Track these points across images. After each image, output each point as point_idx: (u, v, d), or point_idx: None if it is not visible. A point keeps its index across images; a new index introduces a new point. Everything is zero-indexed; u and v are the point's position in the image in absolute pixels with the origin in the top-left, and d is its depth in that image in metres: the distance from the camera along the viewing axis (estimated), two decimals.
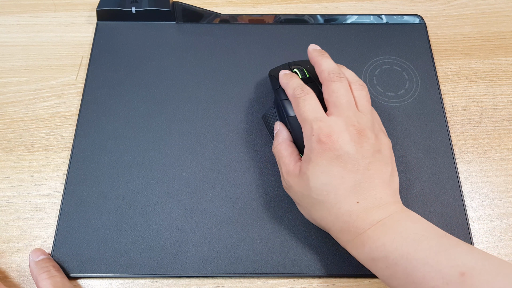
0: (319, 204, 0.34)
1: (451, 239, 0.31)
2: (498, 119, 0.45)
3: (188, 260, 0.38)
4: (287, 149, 0.37)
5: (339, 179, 0.33)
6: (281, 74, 0.40)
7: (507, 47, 0.49)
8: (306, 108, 0.36)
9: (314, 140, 0.34)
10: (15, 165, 0.42)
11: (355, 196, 0.33)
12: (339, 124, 0.34)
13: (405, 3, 0.53)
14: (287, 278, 0.38)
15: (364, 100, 0.37)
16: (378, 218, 0.32)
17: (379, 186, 0.33)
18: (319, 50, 0.40)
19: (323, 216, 0.34)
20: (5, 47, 0.49)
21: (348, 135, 0.34)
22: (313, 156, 0.34)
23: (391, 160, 0.36)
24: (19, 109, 0.45)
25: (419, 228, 0.32)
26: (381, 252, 0.31)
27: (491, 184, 0.42)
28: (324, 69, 0.38)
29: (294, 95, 0.37)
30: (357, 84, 0.37)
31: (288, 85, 0.38)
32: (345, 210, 0.33)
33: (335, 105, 0.35)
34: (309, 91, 0.37)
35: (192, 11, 0.50)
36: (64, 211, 0.39)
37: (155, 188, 0.41)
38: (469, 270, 0.28)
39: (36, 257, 0.37)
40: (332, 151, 0.33)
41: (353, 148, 0.33)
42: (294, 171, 0.36)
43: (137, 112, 0.44)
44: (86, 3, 0.52)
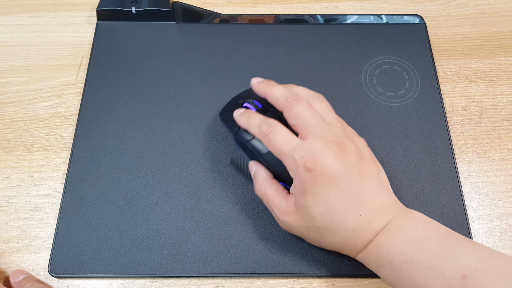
0: (325, 230, 0.33)
1: (454, 239, 0.31)
2: (498, 119, 0.45)
3: (188, 260, 0.38)
4: (271, 188, 0.36)
5: (338, 200, 0.32)
6: (237, 115, 0.38)
7: (507, 47, 0.49)
8: (280, 142, 0.34)
9: (301, 170, 0.33)
10: (15, 165, 0.42)
11: (357, 210, 0.33)
12: (318, 145, 0.33)
13: (405, 3, 0.53)
14: (287, 278, 0.38)
15: (328, 112, 0.36)
16: (381, 225, 0.32)
17: (374, 191, 0.33)
18: (263, 81, 0.39)
19: (332, 241, 0.34)
20: (5, 47, 0.49)
21: (331, 153, 0.33)
22: (306, 186, 0.33)
23: (373, 159, 0.36)
24: (19, 109, 0.45)
25: (421, 229, 0.32)
26: (387, 259, 0.31)
27: (491, 184, 0.42)
28: (278, 97, 0.37)
29: (262, 133, 0.35)
30: (315, 99, 0.37)
31: (250, 124, 0.36)
32: (351, 227, 0.33)
33: (304, 127, 0.34)
34: (275, 124, 0.35)
35: (192, 11, 0.50)
36: (64, 211, 0.39)
37: (155, 188, 0.41)
38: (471, 272, 0.28)
39: (16, 278, 0.37)
40: (324, 175, 0.32)
41: (340, 164, 0.33)
42: (289, 209, 0.34)
43: (137, 112, 0.44)
44: (86, 3, 0.52)
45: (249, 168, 0.38)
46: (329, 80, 0.46)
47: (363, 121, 0.44)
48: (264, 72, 0.46)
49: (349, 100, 0.45)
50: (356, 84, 0.46)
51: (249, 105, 0.39)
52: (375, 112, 0.45)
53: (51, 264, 0.37)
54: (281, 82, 0.46)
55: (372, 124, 0.44)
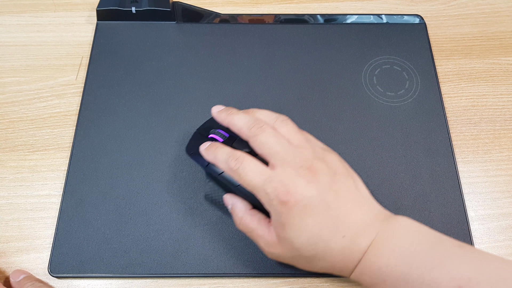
0: (313, 258, 0.32)
1: (445, 246, 0.31)
2: (498, 119, 0.45)
3: (188, 260, 0.38)
4: (252, 220, 0.35)
5: (318, 226, 0.32)
6: (203, 150, 0.36)
7: (507, 47, 0.49)
8: (249, 176, 0.33)
9: (275, 203, 0.32)
10: (15, 165, 0.42)
11: (339, 232, 0.32)
12: (288, 173, 0.32)
13: (405, 3, 0.53)
14: (287, 278, 0.38)
15: (294, 133, 0.35)
16: (367, 243, 0.31)
17: (354, 208, 0.33)
18: (224, 110, 0.37)
19: (322, 266, 0.33)
20: (5, 47, 0.49)
21: (302, 179, 0.32)
22: (283, 219, 0.32)
23: (348, 172, 0.35)
24: (19, 109, 0.45)
25: (408, 241, 0.31)
26: (379, 277, 0.31)
27: (491, 184, 0.42)
28: (241, 126, 0.35)
29: (231, 169, 0.34)
30: (279, 122, 0.36)
31: (218, 159, 0.35)
32: (337, 250, 0.32)
33: (272, 155, 0.33)
34: (243, 157, 0.34)
35: (192, 11, 0.50)
36: (64, 211, 0.39)
37: (155, 188, 0.40)
38: (466, 283, 0.28)
39: (16, 277, 0.37)
40: (298, 204, 0.31)
41: (313, 189, 0.32)
42: (272, 240, 0.34)
43: (137, 112, 0.44)
44: (86, 3, 0.52)
45: (225, 202, 0.37)
46: (329, 80, 0.46)
47: (363, 121, 0.44)
48: (264, 72, 0.47)
49: (349, 100, 0.45)
50: (356, 84, 0.46)
51: (215, 136, 0.37)
52: (375, 112, 0.45)
53: (51, 264, 0.37)
54: (281, 82, 0.46)
55: (372, 124, 0.44)
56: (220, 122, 0.37)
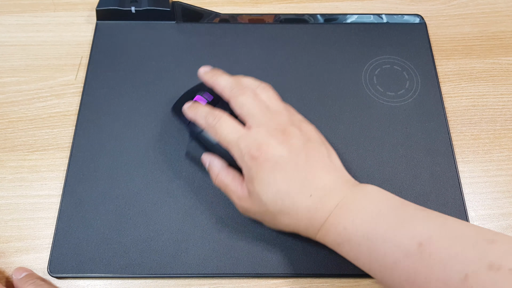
0: (279, 214, 0.34)
1: (408, 209, 0.32)
2: (499, 118, 0.45)
3: (188, 260, 0.37)
4: (227, 177, 0.37)
5: (286, 183, 0.33)
6: (185, 108, 0.39)
7: (508, 47, 0.49)
8: (225, 132, 0.35)
9: (247, 159, 0.34)
10: (14, 165, 0.42)
11: (306, 190, 0.33)
12: (261, 133, 0.34)
13: (405, 2, 0.52)
14: (287, 278, 0.38)
15: (273, 100, 0.37)
16: (334, 203, 0.33)
17: (323, 172, 0.34)
18: (211, 71, 0.39)
19: (287, 223, 0.34)
20: (5, 46, 0.49)
21: (274, 139, 0.34)
22: (253, 173, 0.34)
23: (323, 142, 0.36)
24: (18, 109, 0.45)
25: (375, 204, 0.32)
26: (344, 236, 0.32)
27: (491, 184, 0.42)
28: (223, 87, 0.38)
29: (208, 124, 0.36)
30: (260, 88, 0.37)
31: (197, 116, 0.37)
32: (303, 207, 0.33)
33: (250, 116, 0.35)
34: (221, 114, 0.36)
35: (192, 10, 0.50)
36: (63, 211, 0.39)
37: (155, 188, 0.40)
38: (426, 240, 0.29)
39: (19, 275, 0.37)
40: (268, 161, 0.33)
41: (284, 149, 0.34)
42: (243, 194, 0.35)
43: (136, 112, 0.44)
44: (85, 3, 0.52)
45: (203, 161, 0.39)
46: (329, 80, 0.46)
47: (363, 121, 0.44)
48: (264, 72, 0.46)
49: (349, 100, 0.45)
50: (356, 84, 0.46)
51: (199, 98, 0.39)
52: (375, 112, 0.44)
53: (50, 264, 0.37)
54: (282, 81, 0.46)
55: (372, 124, 0.44)
56: (205, 82, 0.39)
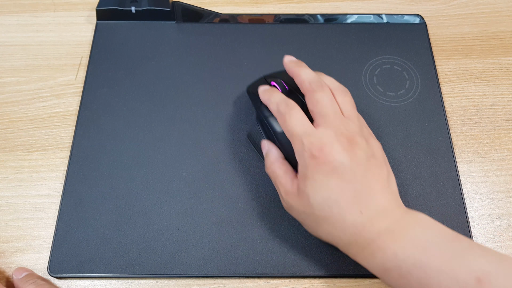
0: (323, 220, 0.33)
1: (463, 242, 0.31)
2: (499, 118, 0.45)
3: (188, 260, 0.37)
4: (281, 168, 0.36)
5: (339, 192, 0.32)
6: (261, 90, 0.39)
7: (508, 47, 0.49)
8: (293, 124, 0.35)
9: (306, 156, 0.33)
10: (14, 165, 0.42)
11: (358, 206, 0.32)
12: (328, 135, 0.33)
13: (405, 2, 0.52)
14: (287, 278, 0.38)
15: (349, 106, 0.36)
16: (384, 226, 0.31)
17: (379, 192, 0.33)
18: (296, 61, 0.39)
19: (329, 232, 0.33)
20: (5, 46, 0.49)
21: (339, 145, 0.33)
22: (308, 172, 0.33)
23: (385, 163, 0.35)
24: (18, 109, 0.45)
25: (428, 233, 0.31)
26: (393, 262, 0.30)
27: (491, 184, 0.42)
28: (304, 79, 0.37)
29: (279, 111, 0.36)
30: (339, 91, 0.37)
31: (270, 101, 0.37)
32: (350, 222, 0.32)
33: (321, 115, 0.34)
34: (294, 105, 0.36)
35: (192, 10, 0.50)
36: (63, 211, 0.39)
37: (155, 188, 0.40)
38: (485, 275, 0.28)
39: (19, 274, 0.37)
40: (327, 164, 0.32)
41: (346, 157, 0.32)
42: (293, 190, 0.35)
43: (136, 112, 0.44)
44: (85, 3, 0.52)
45: (262, 146, 0.39)
46: None
47: None
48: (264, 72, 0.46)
49: None
50: (356, 84, 0.46)
51: (276, 85, 0.39)
52: (375, 112, 0.44)
53: (50, 264, 0.37)
54: None
55: (372, 124, 0.44)
56: (287, 70, 0.39)
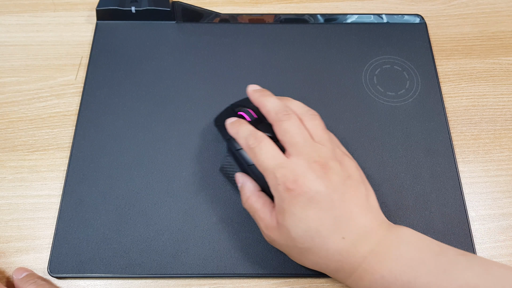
0: (307, 251, 0.32)
1: (448, 255, 0.31)
2: (499, 118, 0.45)
3: (188, 260, 0.37)
4: (258, 202, 0.35)
5: (318, 221, 0.32)
6: (228, 123, 0.38)
7: (508, 47, 0.49)
8: (263, 157, 0.34)
9: (281, 189, 0.32)
10: (14, 165, 0.42)
11: (339, 232, 0.32)
12: (300, 165, 0.33)
13: (405, 2, 0.52)
14: (287, 278, 0.38)
15: (319, 130, 0.35)
16: (368, 248, 0.31)
17: (359, 214, 0.32)
18: (259, 90, 0.38)
19: (314, 262, 0.33)
20: (5, 46, 0.49)
21: (313, 173, 0.32)
22: (285, 205, 0.32)
23: (362, 180, 0.35)
24: (18, 109, 0.45)
25: (412, 250, 0.31)
26: (382, 285, 0.30)
27: (491, 184, 0.42)
28: (269, 109, 0.36)
29: (248, 146, 0.35)
30: (307, 115, 0.36)
31: (239, 134, 0.36)
32: (334, 250, 0.32)
33: (291, 144, 0.34)
34: (262, 138, 0.35)
35: (192, 10, 0.50)
36: (63, 211, 0.39)
37: (155, 188, 0.40)
38: None
39: (19, 275, 0.37)
40: (303, 195, 0.32)
41: (322, 185, 0.32)
42: (272, 224, 0.34)
43: (137, 112, 0.44)
44: (85, 3, 0.52)
45: (236, 179, 0.38)
46: (329, 80, 0.46)
47: (363, 121, 0.44)
48: (264, 72, 0.46)
49: (349, 100, 0.45)
50: (356, 84, 0.46)
51: (244, 114, 0.38)
52: (375, 112, 0.44)
53: (50, 264, 0.37)
54: (282, 81, 0.46)
55: (372, 124, 0.44)
56: (252, 101, 0.38)
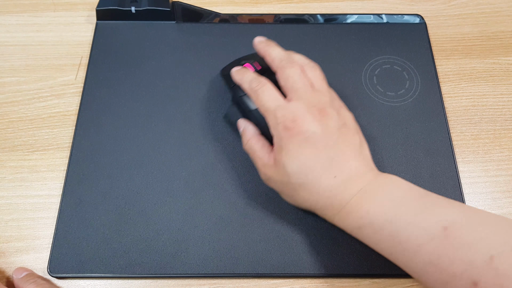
0: (299, 187, 0.34)
1: (432, 197, 0.33)
2: (499, 118, 0.45)
3: (188, 260, 0.37)
4: (257, 143, 0.38)
5: (313, 159, 0.34)
6: (233, 70, 0.41)
7: (508, 47, 0.49)
8: (266, 99, 0.36)
9: (280, 128, 0.35)
10: (14, 165, 0.42)
11: (331, 171, 0.34)
12: (300, 107, 0.35)
13: (405, 2, 0.52)
14: (287, 278, 0.38)
15: (319, 80, 0.38)
16: (357, 187, 0.33)
17: (351, 157, 0.35)
18: (265, 40, 0.41)
19: (306, 198, 0.35)
20: (5, 46, 0.49)
21: (311, 116, 0.35)
22: (283, 143, 0.35)
23: (357, 131, 0.37)
24: (18, 109, 0.45)
25: (399, 191, 0.33)
26: (366, 219, 0.32)
27: (491, 184, 0.42)
28: (274, 57, 0.39)
29: (251, 88, 0.38)
30: (309, 66, 0.38)
31: (243, 80, 0.39)
32: (325, 186, 0.34)
33: (293, 89, 0.36)
34: (265, 82, 0.37)
35: (192, 10, 0.50)
36: (63, 211, 0.39)
37: (155, 188, 0.40)
38: (451, 224, 0.30)
39: (19, 274, 0.37)
40: (300, 135, 0.34)
41: (318, 127, 0.34)
42: (269, 162, 0.36)
43: (136, 112, 0.44)
44: (85, 3, 0.52)
45: (238, 125, 0.40)
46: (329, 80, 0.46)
47: (363, 121, 0.44)
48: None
49: (349, 100, 0.45)
50: (356, 84, 0.46)
51: (249, 65, 0.41)
52: (375, 112, 0.44)
53: (50, 264, 0.37)
54: None
55: (372, 124, 0.44)
56: (257, 50, 0.41)
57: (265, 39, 0.41)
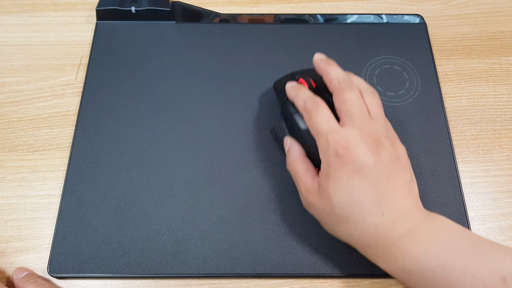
0: (343, 220, 0.33)
1: (485, 244, 0.31)
2: (499, 118, 0.45)
3: (188, 260, 0.37)
4: (302, 165, 0.36)
5: (361, 192, 0.32)
6: (288, 86, 0.39)
7: (508, 47, 0.49)
8: (319, 120, 0.34)
9: (331, 154, 0.33)
10: (14, 165, 0.42)
11: (379, 207, 0.32)
12: (354, 134, 0.33)
13: (405, 2, 0.52)
14: (287, 278, 0.38)
15: (377, 107, 0.36)
16: (405, 228, 0.31)
17: (401, 195, 0.33)
18: (326, 59, 0.39)
19: (349, 233, 0.33)
20: (5, 46, 0.49)
21: (365, 145, 0.33)
22: (332, 171, 0.33)
23: (409, 166, 0.35)
24: (18, 109, 0.45)
25: (451, 235, 0.31)
26: (416, 265, 0.30)
27: (491, 184, 0.42)
28: (333, 78, 0.37)
29: (305, 107, 0.36)
30: (368, 92, 0.36)
31: (298, 97, 0.37)
32: (371, 223, 0.32)
33: (348, 114, 0.34)
34: (321, 102, 0.35)
35: (192, 10, 0.50)
36: (63, 211, 0.39)
37: (155, 188, 0.40)
38: (510, 275, 0.28)
39: (19, 274, 0.37)
40: (351, 164, 0.32)
41: (371, 158, 0.32)
42: (313, 188, 0.34)
43: (136, 112, 0.44)
44: (85, 3, 0.52)
45: (284, 142, 0.39)
46: None
47: None
48: (264, 72, 0.46)
49: None
50: None
51: (303, 82, 0.39)
52: None
53: (50, 264, 0.37)
54: None
55: None
56: (316, 68, 0.39)
57: (325, 56, 0.39)
